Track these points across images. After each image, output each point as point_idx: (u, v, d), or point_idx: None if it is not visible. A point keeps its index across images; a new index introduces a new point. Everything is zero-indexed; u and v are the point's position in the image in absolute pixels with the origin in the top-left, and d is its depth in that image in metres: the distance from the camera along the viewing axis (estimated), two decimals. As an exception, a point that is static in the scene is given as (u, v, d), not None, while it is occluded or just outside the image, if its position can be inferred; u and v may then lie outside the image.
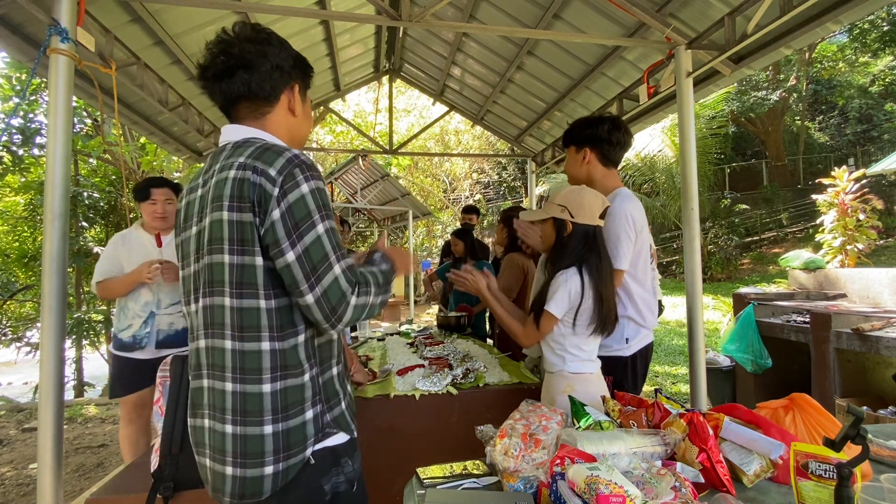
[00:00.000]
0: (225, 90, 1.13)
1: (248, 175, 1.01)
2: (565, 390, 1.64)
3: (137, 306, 2.65)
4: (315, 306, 1.02)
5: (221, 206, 1.03)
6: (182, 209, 1.18)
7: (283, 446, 1.03)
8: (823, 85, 19.24)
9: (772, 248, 15.39)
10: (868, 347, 3.10)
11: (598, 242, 1.70)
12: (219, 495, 1.07)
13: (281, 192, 1.00)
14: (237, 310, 1.03)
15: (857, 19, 4.47)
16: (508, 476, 1.14)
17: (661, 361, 6.75)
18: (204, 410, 1.09)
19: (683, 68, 3.12)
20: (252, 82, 1.11)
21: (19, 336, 6.85)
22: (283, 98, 1.17)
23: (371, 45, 5.42)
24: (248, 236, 1.01)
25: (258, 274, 1.02)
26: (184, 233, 1.16)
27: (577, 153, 2.03)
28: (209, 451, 1.08)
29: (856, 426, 0.98)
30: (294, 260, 1.00)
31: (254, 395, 1.03)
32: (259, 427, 1.02)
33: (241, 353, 1.03)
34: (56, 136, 2.12)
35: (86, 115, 6.79)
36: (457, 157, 20.60)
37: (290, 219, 1.00)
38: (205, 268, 1.07)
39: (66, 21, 2.17)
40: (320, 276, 1.01)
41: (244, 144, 1.09)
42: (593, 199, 1.70)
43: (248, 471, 1.02)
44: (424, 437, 2.00)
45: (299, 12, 3.30)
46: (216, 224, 1.03)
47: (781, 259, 5.69)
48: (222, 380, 1.05)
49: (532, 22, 3.88)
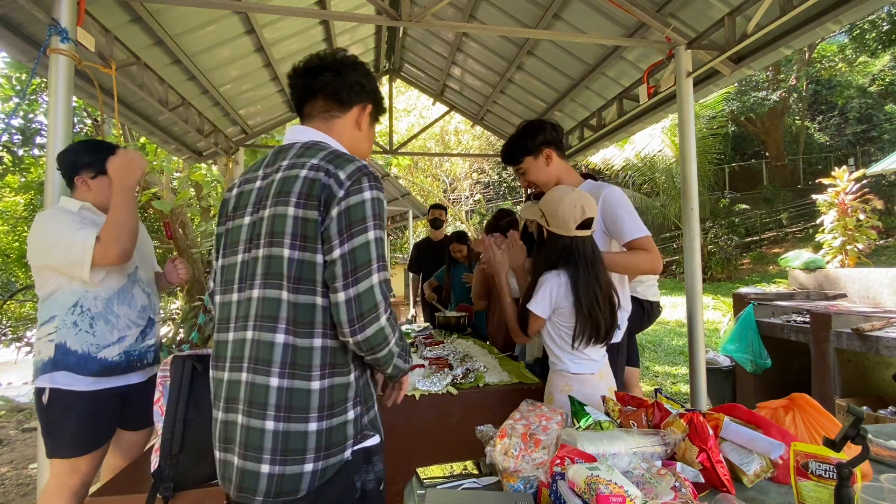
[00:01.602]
0: (309, 84, 1.24)
1: (321, 176, 1.07)
2: (564, 389, 1.66)
3: (133, 312, 1.96)
4: (344, 305, 1.04)
5: (288, 201, 1.06)
6: (233, 198, 1.21)
7: (324, 444, 1.05)
8: (823, 85, 19.23)
9: (772, 248, 15.39)
10: (868, 347, 3.10)
11: (576, 254, 1.63)
12: (247, 496, 1.04)
13: (345, 194, 1.06)
14: (293, 304, 1.05)
15: (857, 19, 4.47)
16: (508, 476, 1.14)
17: (661, 361, 6.75)
18: (238, 405, 1.07)
19: (683, 68, 3.12)
20: (334, 84, 1.23)
21: (19, 336, 6.86)
22: (354, 110, 1.27)
23: (371, 45, 5.42)
24: (312, 233, 1.05)
25: (317, 271, 1.05)
26: (232, 221, 1.18)
27: (536, 159, 2.01)
28: (239, 448, 1.05)
29: (856, 426, 0.98)
30: (339, 256, 1.04)
31: (301, 392, 1.04)
32: (304, 424, 1.03)
33: (294, 348, 1.05)
34: (56, 136, 2.12)
35: (86, 115, 6.80)
36: (457, 157, 20.60)
37: (346, 218, 1.05)
38: (260, 259, 1.08)
39: (66, 21, 2.18)
40: (358, 279, 1.04)
41: (314, 147, 1.15)
42: (569, 210, 1.62)
43: (287, 468, 1.02)
44: (424, 437, 2.00)
45: (299, 12, 3.30)
46: (279, 218, 1.06)
47: (781, 259, 5.69)
48: (267, 374, 1.04)
49: (532, 22, 3.88)
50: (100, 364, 1.84)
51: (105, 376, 1.86)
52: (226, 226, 1.20)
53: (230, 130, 5.19)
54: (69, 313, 1.80)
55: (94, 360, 1.82)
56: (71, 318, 1.80)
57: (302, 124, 1.27)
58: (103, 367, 1.84)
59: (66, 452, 1.82)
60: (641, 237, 1.83)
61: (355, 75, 1.25)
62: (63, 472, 1.83)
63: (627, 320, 2.03)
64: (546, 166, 2.02)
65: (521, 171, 2.08)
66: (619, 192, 1.95)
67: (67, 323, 1.80)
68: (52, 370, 1.78)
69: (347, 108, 1.26)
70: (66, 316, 1.80)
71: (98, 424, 1.87)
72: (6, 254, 7.42)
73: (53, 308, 1.81)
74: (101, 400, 1.86)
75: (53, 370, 1.78)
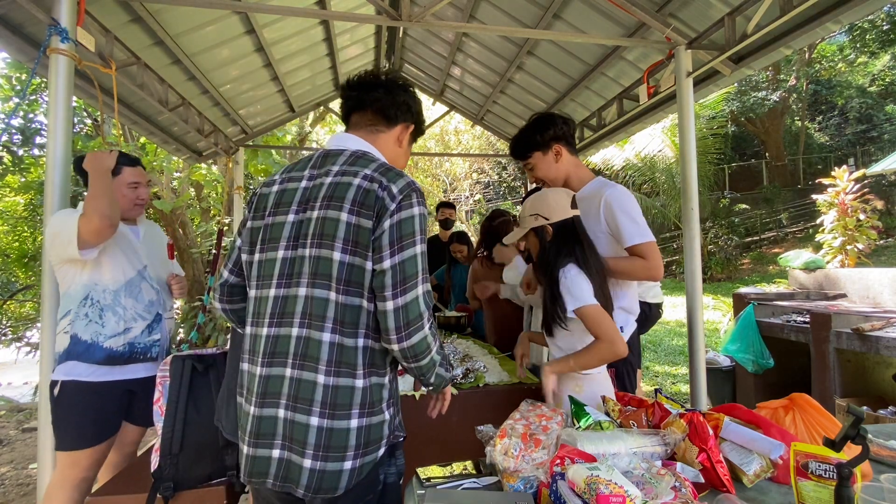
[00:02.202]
0: (361, 97, 1.32)
1: (375, 188, 1.13)
2: (574, 390, 1.63)
3: (140, 305, 2.04)
4: (392, 314, 1.09)
5: (341, 207, 1.11)
6: (274, 194, 1.23)
7: (364, 442, 1.09)
8: (823, 85, 19.23)
9: (772, 248, 15.39)
10: (868, 347, 3.10)
11: (579, 231, 1.69)
12: (291, 486, 1.08)
13: (397, 207, 1.12)
14: (342, 305, 1.10)
15: (857, 19, 4.47)
16: (508, 476, 1.14)
17: (661, 361, 6.75)
18: (280, 400, 1.10)
19: (683, 68, 3.12)
20: (384, 101, 1.31)
21: (19, 336, 6.86)
22: (398, 128, 1.35)
23: (371, 45, 5.42)
24: (364, 240, 1.10)
25: (366, 276, 1.10)
26: (273, 217, 1.20)
27: (545, 155, 1.97)
28: (281, 440, 1.09)
29: (856, 426, 0.98)
30: (389, 267, 1.09)
31: (346, 389, 1.08)
32: (346, 420, 1.08)
33: (340, 347, 1.09)
34: (56, 136, 2.12)
35: (86, 115, 6.80)
36: (457, 157, 20.59)
37: (398, 231, 1.11)
38: (307, 258, 1.12)
39: (66, 21, 2.17)
40: (406, 290, 1.10)
41: (364, 157, 1.21)
42: (558, 196, 1.71)
43: (328, 464, 1.06)
44: (424, 437, 2.00)
45: (299, 12, 3.30)
46: (331, 222, 1.11)
47: (781, 259, 5.69)
48: (314, 371, 1.08)
49: (532, 22, 3.88)
50: (105, 352, 1.93)
51: (109, 365, 1.94)
52: (265, 220, 1.21)
53: (230, 130, 5.19)
54: (81, 306, 1.93)
55: (99, 349, 1.92)
56: (83, 311, 1.93)
57: (347, 132, 1.33)
58: (108, 356, 1.93)
59: (69, 445, 1.90)
60: (641, 243, 1.78)
61: (404, 96, 1.34)
62: (66, 464, 1.91)
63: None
64: (555, 163, 1.97)
65: (529, 166, 2.02)
66: (621, 193, 1.87)
67: (80, 315, 1.93)
68: (66, 360, 1.91)
69: (393, 125, 1.33)
70: (79, 309, 1.93)
71: (103, 418, 1.95)
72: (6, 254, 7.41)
73: (68, 303, 1.95)
74: (108, 394, 1.95)
75: (66, 360, 1.91)
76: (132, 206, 2.13)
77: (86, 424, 1.91)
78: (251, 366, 1.16)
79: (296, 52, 4.33)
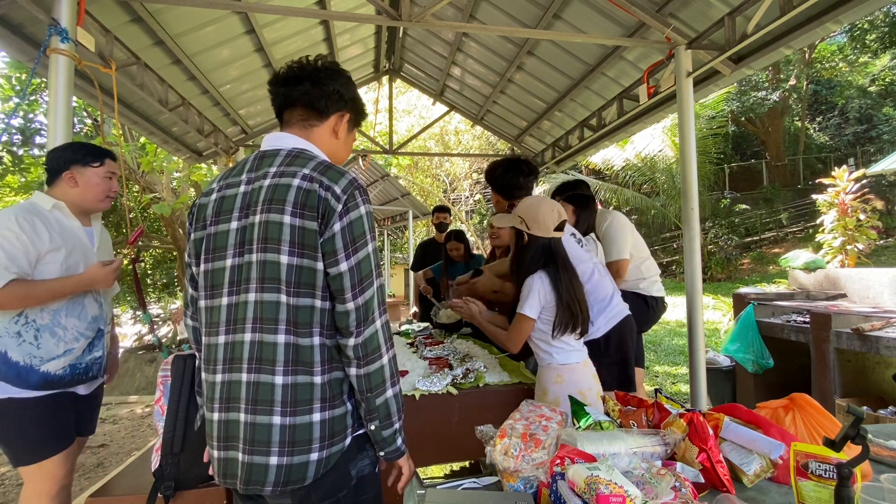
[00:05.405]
0: (287, 94, 1.26)
1: (316, 188, 1.11)
2: (556, 381, 1.80)
3: (83, 324, 1.82)
4: (353, 312, 1.11)
5: (283, 210, 1.10)
6: (214, 203, 1.21)
7: (328, 434, 1.10)
8: (823, 85, 19.24)
9: (772, 248, 15.39)
10: (868, 347, 3.09)
11: (556, 253, 1.82)
12: (256, 487, 1.08)
13: (344, 209, 1.11)
14: (294, 307, 1.09)
15: (857, 19, 4.46)
16: (508, 476, 1.14)
17: (661, 361, 6.75)
18: (239, 404, 1.10)
19: (683, 68, 3.12)
20: (311, 94, 1.25)
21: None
22: (332, 119, 1.29)
23: (371, 45, 5.42)
24: (311, 242, 1.09)
25: (318, 277, 1.10)
26: (215, 226, 1.18)
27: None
28: (243, 444, 1.09)
29: (856, 426, 0.98)
30: (347, 270, 1.10)
31: (305, 386, 1.09)
32: (308, 415, 1.08)
33: (296, 347, 1.09)
34: (56, 136, 2.12)
35: (86, 115, 6.80)
36: (457, 157, 20.60)
37: (350, 234, 1.11)
38: (254, 263, 1.11)
39: (66, 21, 2.18)
40: (364, 288, 1.12)
41: (301, 155, 1.18)
42: (548, 214, 1.82)
43: (294, 458, 1.07)
44: (424, 437, 2.00)
45: (299, 12, 3.30)
46: (273, 225, 1.10)
47: (781, 259, 5.69)
48: (271, 373, 1.08)
49: (532, 22, 3.88)
50: (41, 377, 1.72)
51: (46, 390, 1.74)
52: (207, 230, 1.19)
53: (230, 130, 5.19)
54: (13, 322, 1.70)
55: (35, 373, 1.71)
56: (14, 328, 1.70)
57: (281, 131, 1.29)
58: (45, 381, 1.73)
59: (29, 458, 1.74)
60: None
61: (334, 84, 1.27)
62: (36, 478, 1.76)
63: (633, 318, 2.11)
64: None
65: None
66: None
67: (10, 332, 1.69)
68: None
69: (325, 117, 1.28)
70: (10, 325, 1.70)
71: (55, 424, 1.77)
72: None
73: None
74: (51, 402, 1.76)
75: None
76: (104, 197, 1.94)
77: (37, 434, 1.72)
78: (210, 374, 1.16)
79: (296, 52, 4.33)
